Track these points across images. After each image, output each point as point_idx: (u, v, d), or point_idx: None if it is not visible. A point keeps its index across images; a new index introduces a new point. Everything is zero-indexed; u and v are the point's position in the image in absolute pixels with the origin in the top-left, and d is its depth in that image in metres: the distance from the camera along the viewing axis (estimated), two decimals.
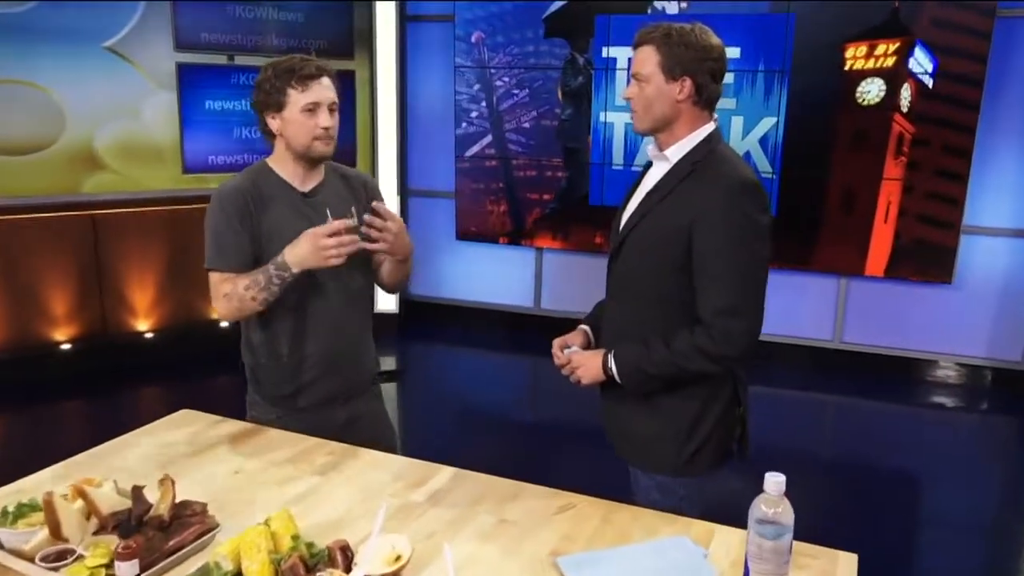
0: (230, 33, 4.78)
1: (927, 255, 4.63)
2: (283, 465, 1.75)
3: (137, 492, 1.44)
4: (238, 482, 1.67)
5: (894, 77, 4.46)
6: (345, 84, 5.24)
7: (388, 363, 5.29)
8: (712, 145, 1.76)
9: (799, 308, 4.96)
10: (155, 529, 1.38)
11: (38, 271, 4.47)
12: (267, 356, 2.05)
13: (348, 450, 1.83)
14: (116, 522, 1.40)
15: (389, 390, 5.09)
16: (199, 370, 4.59)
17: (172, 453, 1.79)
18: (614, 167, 5.12)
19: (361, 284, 2.15)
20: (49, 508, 1.36)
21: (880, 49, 4.47)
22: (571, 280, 5.40)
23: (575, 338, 1.97)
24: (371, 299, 2.19)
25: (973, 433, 4.45)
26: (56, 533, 1.37)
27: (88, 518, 1.43)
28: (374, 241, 1.92)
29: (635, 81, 1.77)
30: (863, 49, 4.50)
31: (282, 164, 2.04)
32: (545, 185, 5.34)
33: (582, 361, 1.87)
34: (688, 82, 1.71)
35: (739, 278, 1.69)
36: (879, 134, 4.55)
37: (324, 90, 1.97)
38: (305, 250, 1.85)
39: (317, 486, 1.66)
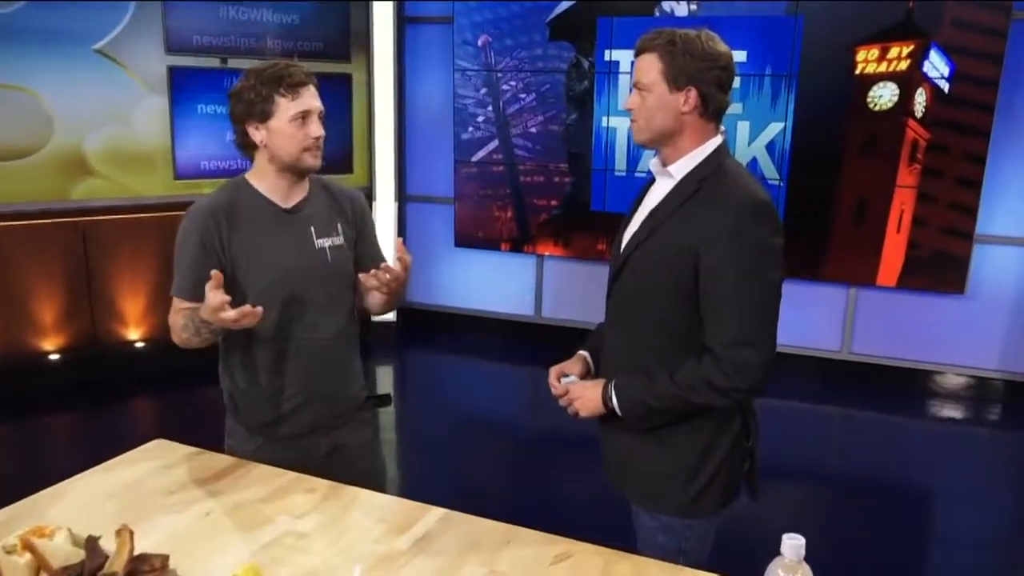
0: (223, 35, 4.65)
1: (939, 264, 4.49)
2: (258, 506, 1.62)
3: (92, 544, 1.32)
4: (207, 527, 1.54)
5: (908, 81, 4.32)
6: (342, 88, 5.13)
7: (385, 372, 5.19)
8: (719, 160, 1.64)
9: (806, 318, 4.83)
10: None
11: (25, 280, 4.35)
12: (246, 382, 1.93)
13: (330, 488, 1.70)
14: None
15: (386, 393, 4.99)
16: (191, 382, 4.45)
17: (140, 492, 1.67)
18: (616, 173, 4.99)
19: (347, 307, 2.03)
20: None
21: (893, 52, 4.33)
22: (573, 288, 5.27)
23: (573, 366, 1.85)
24: (356, 322, 2.07)
25: (985, 447, 4.33)
26: None
27: (37, 574, 1.31)
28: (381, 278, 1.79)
29: (636, 91, 1.65)
30: (875, 52, 4.36)
31: (263, 178, 1.91)
32: (548, 191, 5.21)
33: (580, 392, 1.75)
34: (693, 92, 1.60)
35: (751, 306, 1.57)
36: (892, 140, 4.42)
37: (313, 98, 1.86)
38: (214, 316, 1.67)
39: (293, 530, 1.54)
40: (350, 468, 2.00)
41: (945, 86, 4.27)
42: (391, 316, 5.44)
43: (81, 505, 1.61)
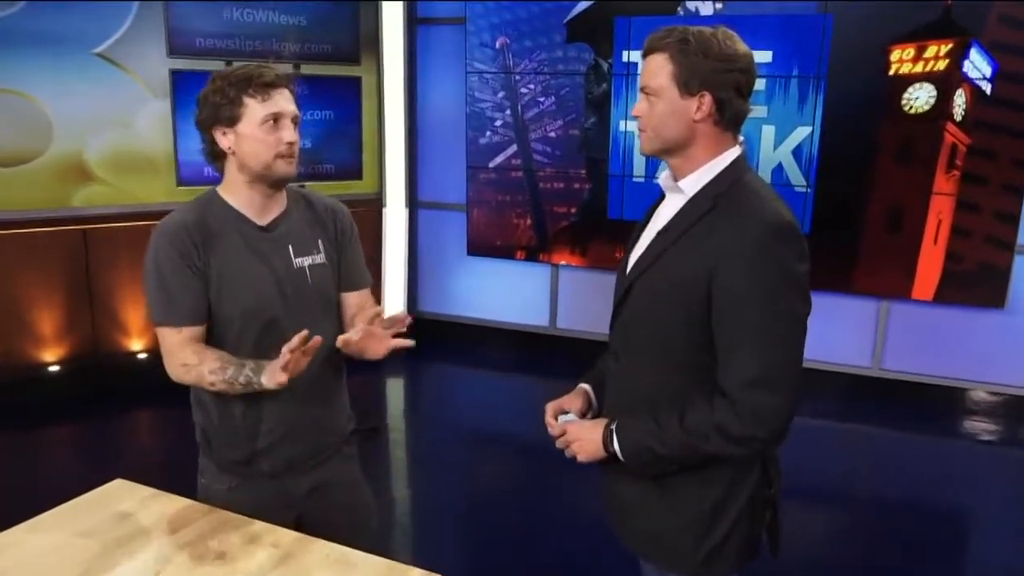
0: (227, 37, 4.51)
1: (978, 277, 4.23)
2: (216, 563, 1.45)
3: None
4: None
5: (946, 82, 4.06)
6: (351, 91, 4.96)
7: (395, 384, 5.02)
8: (737, 175, 1.46)
9: (834, 331, 4.60)
10: None
11: (25, 288, 4.24)
12: (219, 416, 1.76)
13: (297, 541, 1.53)
14: None
15: (396, 405, 4.83)
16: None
17: (88, 545, 1.50)
18: (634, 179, 4.78)
19: (329, 331, 1.85)
20: None
21: (930, 51, 4.07)
22: (589, 298, 5.07)
23: (573, 401, 1.67)
24: (341, 352, 1.89)
25: (1022, 468, 4.06)
26: None
27: None
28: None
29: (644, 96, 1.47)
30: (911, 52, 4.10)
31: (234, 192, 1.74)
32: (565, 198, 5.01)
33: (579, 434, 1.57)
34: (708, 98, 1.41)
35: (771, 342, 1.38)
36: (928, 145, 4.15)
37: (286, 101, 1.69)
38: (283, 378, 1.56)
39: None
40: (333, 508, 1.85)
41: (987, 87, 4.01)
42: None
43: (25, 560, 1.45)
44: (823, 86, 4.28)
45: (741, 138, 1.50)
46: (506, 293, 5.34)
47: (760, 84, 4.36)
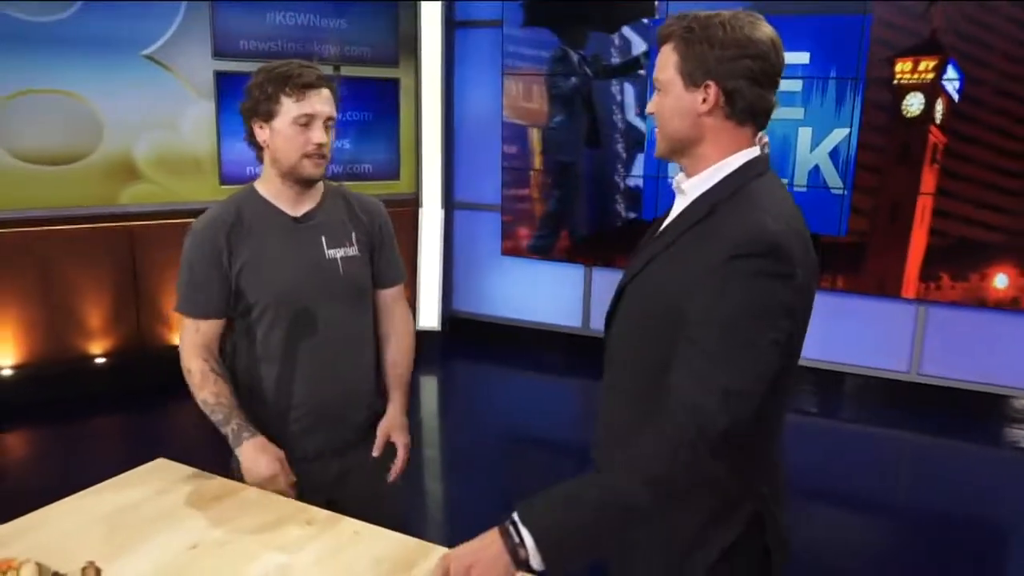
0: (270, 40, 4.62)
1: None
2: (249, 538, 1.51)
3: None
4: (192, 560, 1.43)
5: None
6: (389, 93, 5.05)
7: (429, 382, 5.08)
8: (744, 179, 1.29)
9: (870, 335, 4.54)
10: None
11: (74, 283, 4.39)
12: (250, 402, 1.81)
13: (329, 520, 1.57)
14: None
15: (430, 404, 4.88)
16: None
17: (126, 518, 1.57)
18: (668, 179, 4.77)
19: (361, 322, 1.91)
20: None
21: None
22: None
23: None
24: (372, 340, 1.94)
25: None
26: None
27: None
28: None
29: (656, 91, 1.35)
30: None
31: (269, 185, 1.81)
32: (599, 198, 5.03)
33: (469, 557, 1.19)
34: (713, 88, 1.27)
35: (722, 366, 1.18)
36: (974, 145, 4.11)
37: (322, 103, 1.73)
38: (258, 467, 1.70)
39: (283, 567, 1.41)
40: (360, 493, 1.88)
41: None
42: (436, 324, 5.34)
43: (67, 530, 1.52)
44: (860, 88, 4.24)
45: (764, 137, 1.34)
46: (540, 294, 5.38)
47: (797, 85, 4.34)
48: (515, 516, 1.19)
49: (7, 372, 4.25)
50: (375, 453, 1.89)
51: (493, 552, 1.17)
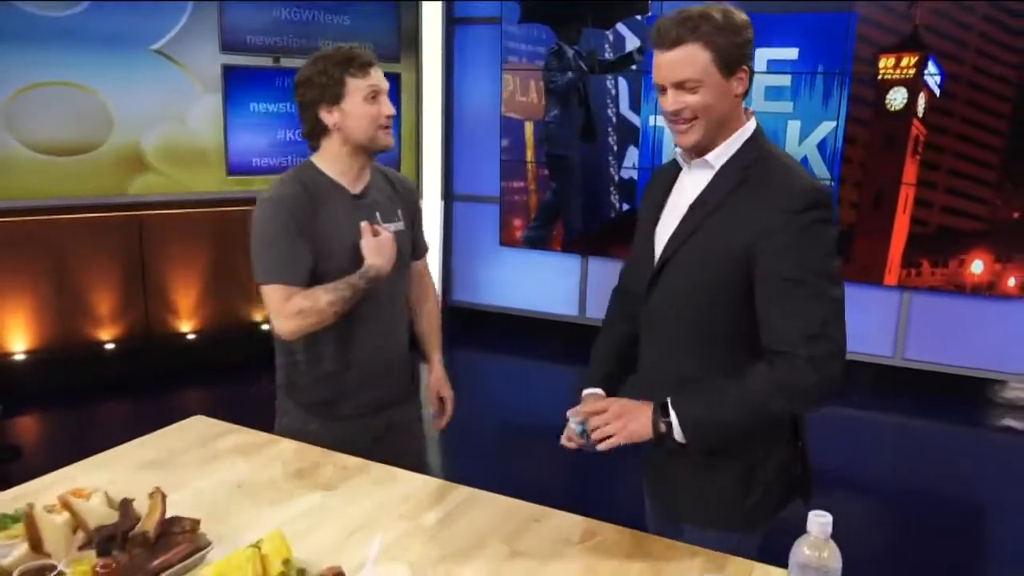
0: (276, 35, 4.76)
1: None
2: (289, 479, 1.65)
3: (125, 506, 1.36)
4: (238, 497, 1.57)
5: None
6: (391, 87, 5.13)
7: (424, 369, 5.20)
8: (760, 144, 1.52)
9: (855, 320, 4.67)
10: (139, 546, 1.29)
11: (83, 271, 4.50)
12: (307, 360, 1.93)
13: (359, 465, 1.71)
14: (101, 537, 1.31)
15: (427, 391, 5.00)
16: (241, 373, 4.56)
17: (174, 463, 1.71)
18: None
19: (404, 291, 2.08)
20: (30, 521, 1.28)
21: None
22: None
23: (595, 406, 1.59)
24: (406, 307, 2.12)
25: None
26: (37, 547, 1.28)
27: (75, 532, 1.35)
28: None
29: (677, 90, 1.46)
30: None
31: (334, 163, 1.91)
32: (595, 190, 5.19)
33: (626, 410, 1.50)
34: (744, 73, 1.47)
35: (824, 303, 1.45)
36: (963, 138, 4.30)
37: (381, 78, 1.88)
38: (386, 257, 1.83)
39: (321, 504, 1.55)
40: (398, 447, 1.99)
41: None
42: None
43: (119, 472, 1.65)
44: (847, 83, 4.42)
45: (751, 108, 1.55)
46: (537, 283, 5.52)
47: (786, 80, 4.51)
48: (668, 400, 1.48)
49: (19, 357, 4.36)
50: (431, 408, 2.09)
51: (644, 415, 1.49)
